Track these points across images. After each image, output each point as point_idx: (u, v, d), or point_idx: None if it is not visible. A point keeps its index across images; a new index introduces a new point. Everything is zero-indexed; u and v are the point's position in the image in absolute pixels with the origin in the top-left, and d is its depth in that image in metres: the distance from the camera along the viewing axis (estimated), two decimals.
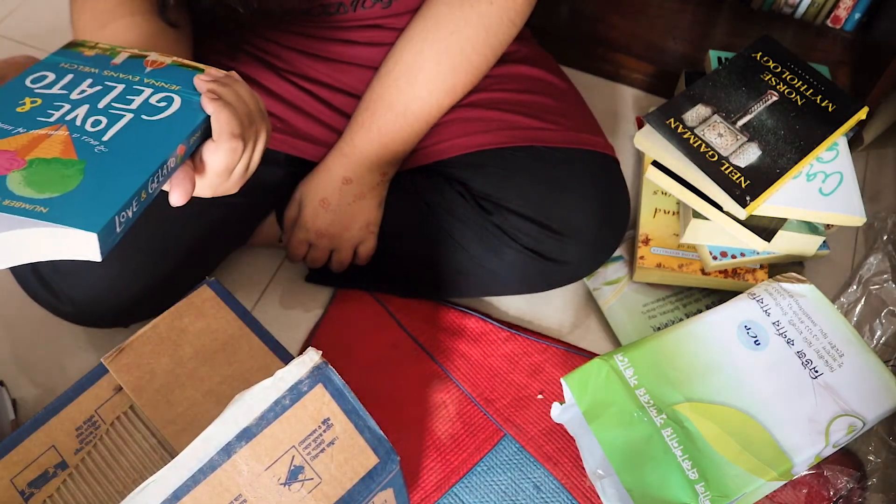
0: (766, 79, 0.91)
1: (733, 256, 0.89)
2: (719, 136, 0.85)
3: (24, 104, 0.52)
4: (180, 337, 0.65)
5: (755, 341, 0.79)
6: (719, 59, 1.01)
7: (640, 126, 0.93)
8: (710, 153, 0.83)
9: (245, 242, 0.94)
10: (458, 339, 0.90)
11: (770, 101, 0.89)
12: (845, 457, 0.81)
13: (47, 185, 0.47)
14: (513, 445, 0.83)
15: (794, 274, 0.86)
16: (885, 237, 0.98)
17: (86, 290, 0.78)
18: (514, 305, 0.94)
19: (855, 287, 0.94)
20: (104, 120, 0.52)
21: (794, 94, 0.90)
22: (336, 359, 0.87)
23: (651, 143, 0.86)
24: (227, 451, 0.52)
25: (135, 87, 0.55)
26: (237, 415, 0.53)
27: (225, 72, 0.58)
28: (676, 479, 0.72)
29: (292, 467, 0.53)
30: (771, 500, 0.78)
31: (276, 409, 0.54)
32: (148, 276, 0.79)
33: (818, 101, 0.90)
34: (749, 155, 0.84)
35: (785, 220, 0.86)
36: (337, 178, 0.83)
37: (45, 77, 0.55)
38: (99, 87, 0.54)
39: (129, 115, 0.53)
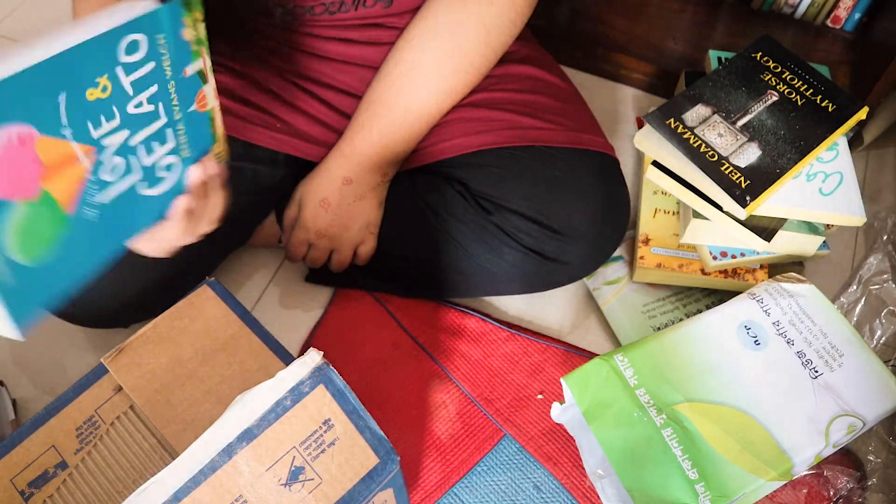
0: (766, 79, 0.91)
1: (733, 256, 0.89)
2: (719, 136, 0.85)
3: (96, 86, 0.51)
4: (180, 337, 0.65)
5: (755, 341, 0.79)
6: (719, 59, 1.01)
7: (640, 126, 0.93)
8: (710, 153, 0.83)
9: (245, 242, 0.94)
10: (458, 339, 0.90)
11: (770, 101, 0.89)
12: (845, 457, 0.81)
13: (28, 246, 0.48)
14: (513, 445, 0.83)
15: (794, 274, 0.86)
16: (885, 237, 0.98)
17: (86, 290, 0.77)
18: (514, 305, 0.95)
19: (855, 287, 0.94)
20: (121, 168, 0.53)
21: (794, 94, 0.90)
22: (336, 359, 0.87)
23: (651, 143, 0.87)
24: (229, 451, 0.52)
25: (167, 129, 0.56)
26: (238, 416, 0.53)
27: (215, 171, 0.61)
28: (676, 479, 0.72)
29: (293, 468, 0.53)
30: (771, 500, 0.78)
31: (278, 410, 0.54)
32: (148, 277, 0.79)
33: (818, 101, 0.90)
34: (749, 155, 0.84)
35: (785, 220, 0.86)
36: (337, 179, 0.83)
37: (137, 48, 0.53)
38: (151, 108, 0.55)
39: (136, 178, 0.55)
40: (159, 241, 0.59)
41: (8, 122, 0.45)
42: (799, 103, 0.89)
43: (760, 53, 0.94)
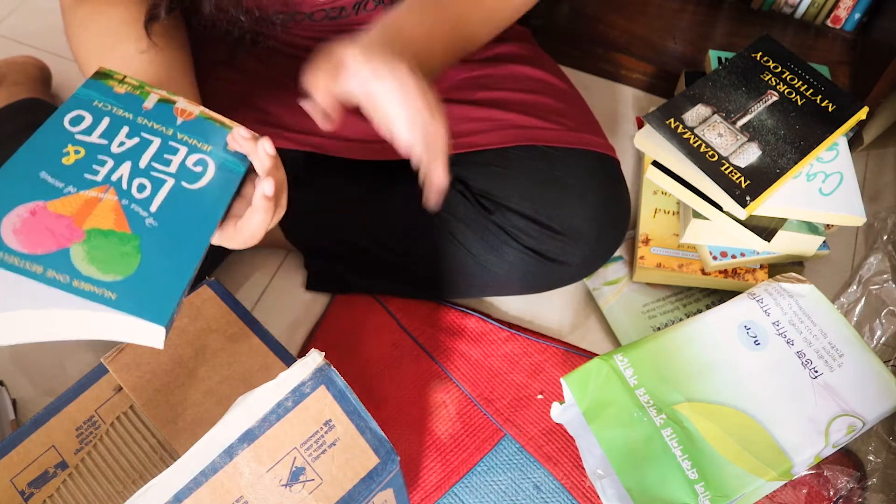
0: (766, 79, 0.91)
1: (733, 256, 0.89)
2: (719, 136, 0.85)
3: (68, 154, 0.54)
4: (180, 337, 0.65)
5: (755, 341, 0.80)
6: (719, 59, 1.01)
7: (640, 126, 0.93)
8: (710, 153, 0.83)
9: None
10: (458, 339, 0.90)
11: (770, 101, 0.89)
12: (845, 457, 0.81)
13: (110, 265, 0.49)
14: (513, 445, 0.83)
15: (794, 274, 0.86)
16: (885, 237, 0.98)
17: None
18: (514, 305, 0.95)
19: (855, 287, 0.94)
20: (148, 185, 0.54)
21: (794, 94, 0.90)
22: (336, 359, 0.87)
23: (651, 143, 0.87)
24: (230, 452, 0.52)
25: (170, 142, 0.57)
26: (239, 417, 0.53)
27: (254, 135, 0.59)
28: (676, 478, 0.72)
29: (294, 468, 0.53)
30: (771, 500, 0.78)
31: (279, 411, 0.54)
32: None
33: (818, 101, 0.90)
34: (749, 155, 0.84)
35: (785, 220, 0.86)
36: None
37: (82, 118, 0.56)
38: (137, 140, 0.56)
39: (171, 181, 0.55)
40: (245, 232, 0.57)
41: (7, 211, 0.49)
42: (799, 103, 0.89)
43: (760, 53, 0.94)
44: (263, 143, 0.57)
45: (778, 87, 0.91)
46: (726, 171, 0.82)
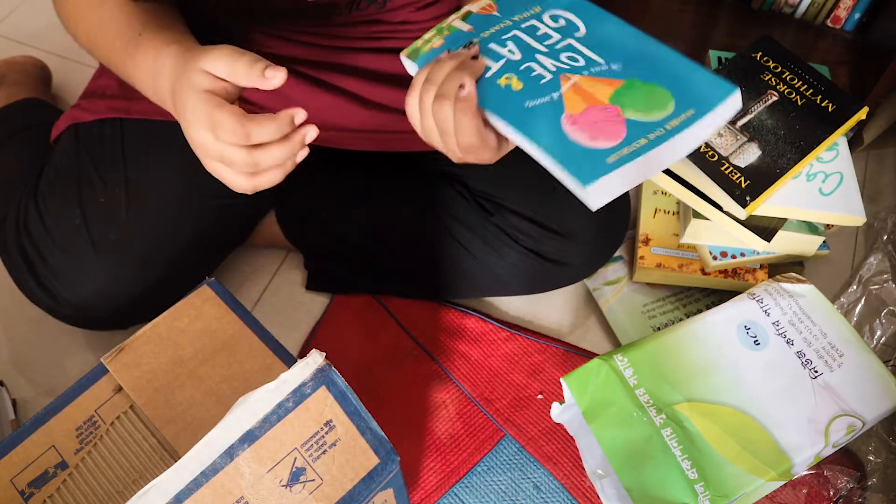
0: (766, 79, 0.91)
1: (733, 256, 0.89)
2: (719, 136, 0.85)
3: (509, 85, 0.59)
4: (180, 337, 0.65)
5: (755, 341, 0.80)
6: (719, 59, 1.01)
7: None
8: (710, 153, 0.83)
9: (245, 242, 0.94)
10: (458, 339, 0.90)
11: (770, 101, 0.89)
12: (845, 457, 0.81)
13: (649, 108, 0.55)
14: (513, 445, 0.83)
15: (794, 274, 0.86)
16: (885, 237, 0.98)
17: (83, 292, 0.77)
18: (514, 305, 0.95)
19: (855, 287, 0.94)
20: (571, 54, 0.60)
21: (794, 94, 0.90)
22: (336, 359, 0.86)
23: None
24: (230, 453, 0.52)
25: (524, 24, 0.63)
26: (240, 417, 0.53)
27: None
28: (676, 478, 0.72)
29: (294, 469, 0.53)
30: (771, 500, 0.78)
31: (280, 412, 0.54)
32: (147, 278, 0.78)
33: (818, 101, 0.90)
34: (749, 155, 0.84)
35: (785, 220, 0.86)
36: None
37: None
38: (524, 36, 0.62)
39: (569, 40, 0.61)
40: None
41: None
42: (799, 103, 0.89)
43: (760, 53, 0.94)
44: None
45: (778, 87, 0.91)
46: (726, 171, 0.82)
